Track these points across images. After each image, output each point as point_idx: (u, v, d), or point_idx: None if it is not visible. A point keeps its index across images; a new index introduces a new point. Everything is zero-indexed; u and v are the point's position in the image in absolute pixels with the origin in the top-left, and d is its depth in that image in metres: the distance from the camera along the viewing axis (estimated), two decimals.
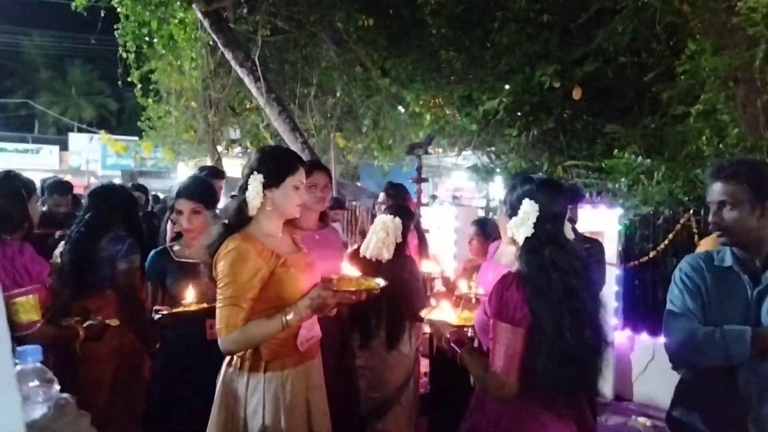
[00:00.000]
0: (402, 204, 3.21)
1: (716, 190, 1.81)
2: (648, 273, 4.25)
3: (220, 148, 12.17)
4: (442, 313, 2.02)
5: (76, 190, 16.56)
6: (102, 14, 7.62)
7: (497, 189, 8.02)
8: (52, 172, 24.06)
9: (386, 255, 2.77)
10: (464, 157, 9.37)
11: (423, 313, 2.09)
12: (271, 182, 1.89)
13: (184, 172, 13.71)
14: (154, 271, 2.63)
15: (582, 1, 6.07)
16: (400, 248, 2.83)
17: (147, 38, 7.72)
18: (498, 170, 8.14)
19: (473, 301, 2.23)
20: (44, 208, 4.30)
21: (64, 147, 24.59)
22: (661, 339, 3.92)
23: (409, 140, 9.02)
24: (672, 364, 1.93)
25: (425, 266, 3.15)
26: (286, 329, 1.85)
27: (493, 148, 8.38)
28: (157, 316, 2.28)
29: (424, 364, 3.48)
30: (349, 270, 2.03)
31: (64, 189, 4.65)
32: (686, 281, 1.89)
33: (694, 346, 1.79)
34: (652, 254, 4.14)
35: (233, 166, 13.58)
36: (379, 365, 2.80)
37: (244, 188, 1.90)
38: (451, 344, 1.82)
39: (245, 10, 7.76)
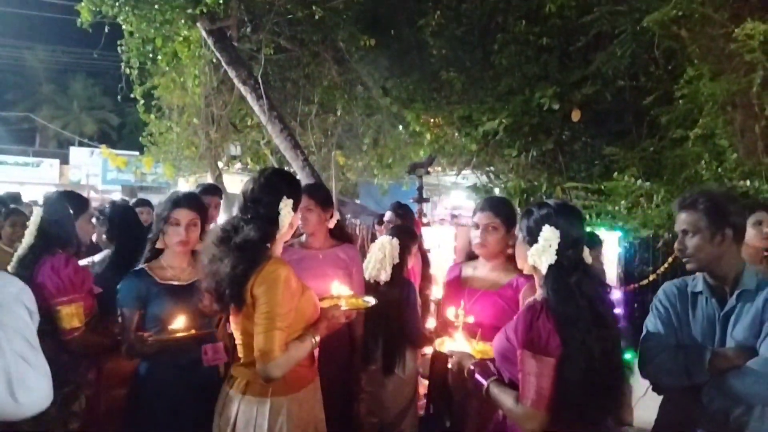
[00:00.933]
0: (404, 225, 3.22)
1: (679, 220, 1.94)
2: (648, 296, 4.22)
3: (220, 164, 12.22)
4: (455, 344, 2.00)
5: None
6: (106, 30, 7.67)
7: None
8: (53, 185, 24.08)
9: (384, 276, 2.76)
10: (463, 176, 9.41)
11: (437, 344, 2.07)
12: (294, 207, 1.94)
13: (185, 187, 13.77)
14: (135, 296, 2.35)
15: (581, 24, 6.14)
16: (398, 270, 2.82)
17: (151, 55, 7.78)
18: (497, 190, 8.19)
19: (459, 329, 2.18)
20: None
21: (64, 161, 24.67)
22: None
23: (409, 159, 9.08)
24: (651, 387, 2.00)
25: (430, 289, 3.15)
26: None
27: (492, 168, 8.43)
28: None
29: (424, 386, 3.45)
30: (340, 289, 2.05)
31: None
32: (659, 307, 2.00)
33: (659, 365, 1.89)
34: (651, 277, 4.15)
35: (233, 182, 13.62)
36: (378, 389, 2.77)
37: (270, 213, 1.90)
38: (476, 376, 1.79)
39: (249, 29, 7.85)
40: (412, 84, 8.19)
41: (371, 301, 2.01)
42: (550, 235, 1.66)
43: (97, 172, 23.29)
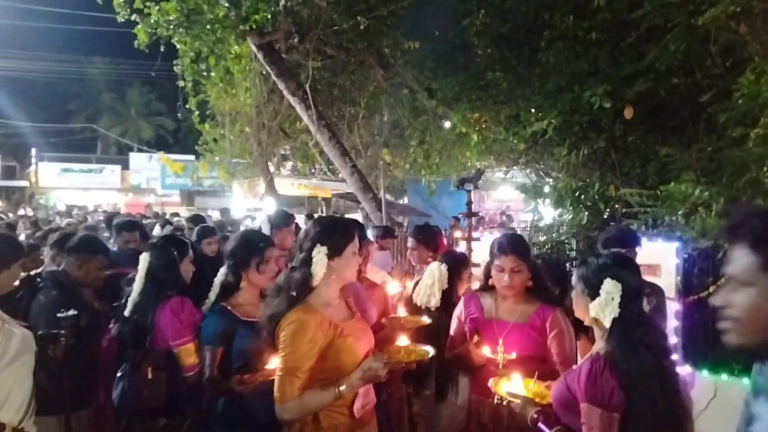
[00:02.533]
0: (454, 251, 3.26)
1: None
2: (708, 307, 4.12)
3: (272, 168, 12.58)
4: (511, 384, 2.03)
5: (137, 209, 17.43)
6: (162, 49, 8.02)
7: (547, 210, 7.95)
8: (115, 190, 25.35)
9: (433, 302, 2.82)
10: (512, 174, 9.32)
11: (491, 383, 2.09)
12: (334, 252, 1.98)
13: (239, 192, 14.27)
14: (220, 333, 2.42)
15: (632, 18, 5.95)
16: (448, 296, 2.86)
17: (204, 73, 8.10)
18: (547, 188, 8.07)
19: (500, 366, 2.23)
20: (114, 248, 4.44)
21: (125, 166, 25.87)
22: (723, 376, 3.83)
23: (456, 159, 9.07)
24: None
25: None
26: (340, 399, 1.92)
27: (542, 165, 8.31)
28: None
29: None
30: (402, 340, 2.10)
31: (131, 226, 4.75)
32: None
33: None
34: (712, 288, 4.03)
35: (284, 185, 14.00)
36: (431, 415, 2.84)
37: (307, 260, 1.98)
38: (539, 425, 1.81)
39: (296, 40, 8.02)
40: (457, 85, 8.16)
41: (431, 351, 2.06)
42: (612, 288, 1.67)
43: (156, 176, 24.32)
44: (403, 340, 2.12)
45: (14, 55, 25.39)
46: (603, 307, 1.68)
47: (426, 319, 2.48)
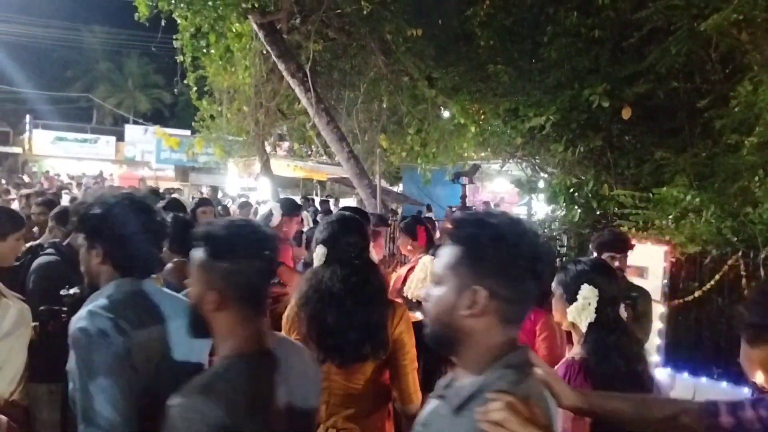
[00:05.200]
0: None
1: None
2: (692, 312, 4.20)
3: (268, 148, 12.53)
4: None
5: (130, 182, 17.37)
6: (162, 23, 7.93)
7: (540, 205, 7.99)
8: (109, 161, 25.17)
9: (424, 296, 2.85)
10: (507, 167, 9.35)
11: None
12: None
13: (234, 170, 14.21)
14: None
15: (635, 18, 5.95)
16: None
17: (204, 50, 8.03)
18: (542, 183, 8.11)
19: None
20: None
21: (120, 138, 25.66)
22: (702, 379, 3.92)
23: (452, 149, 9.08)
24: None
25: None
26: None
27: (537, 160, 8.34)
28: None
29: None
30: None
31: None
32: None
33: None
34: (697, 293, 4.10)
35: (280, 166, 13.95)
36: (419, 410, 2.87)
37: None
38: None
39: (298, 21, 7.96)
40: (458, 75, 8.14)
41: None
42: (588, 294, 1.72)
43: (151, 149, 24.15)
44: None
45: (12, 18, 25.00)
46: (580, 311, 1.73)
47: (419, 315, 2.51)
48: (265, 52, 7.99)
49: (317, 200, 14.48)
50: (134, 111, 30.73)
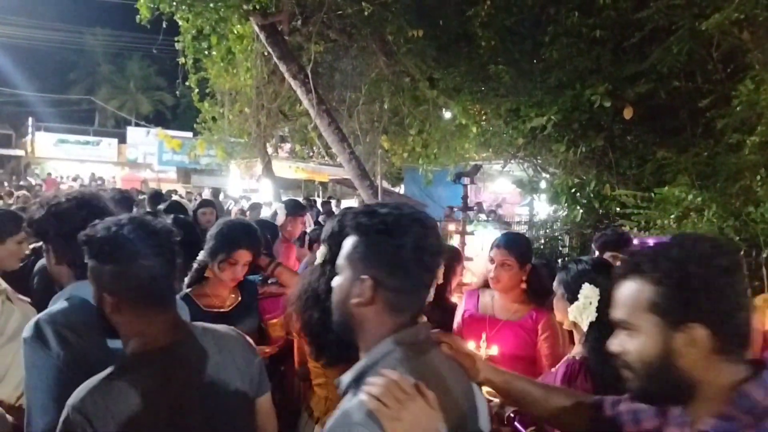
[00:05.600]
0: (447, 245, 3.28)
1: None
2: None
3: (270, 150, 12.55)
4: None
5: (133, 184, 17.40)
6: (164, 25, 7.95)
7: (542, 205, 7.98)
8: (111, 164, 25.24)
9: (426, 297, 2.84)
10: (509, 168, 9.35)
11: None
12: None
13: (236, 171, 14.24)
14: None
15: (636, 18, 5.95)
16: (441, 291, 2.89)
17: (206, 52, 8.05)
18: (543, 183, 8.11)
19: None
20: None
21: (122, 140, 25.74)
22: None
23: (454, 150, 9.07)
24: None
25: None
26: None
27: (539, 160, 8.34)
28: None
29: None
30: None
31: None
32: None
33: None
34: None
35: (281, 167, 13.98)
36: None
37: None
38: (515, 423, 1.84)
39: (299, 22, 7.97)
40: (459, 75, 8.13)
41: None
42: (590, 293, 1.72)
43: (153, 151, 24.20)
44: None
45: (14, 21, 25.07)
46: (581, 311, 1.72)
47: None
48: (266, 53, 8.01)
49: (319, 202, 14.49)
50: (136, 113, 30.79)
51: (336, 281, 1.16)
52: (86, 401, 1.23)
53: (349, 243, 1.13)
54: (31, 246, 3.20)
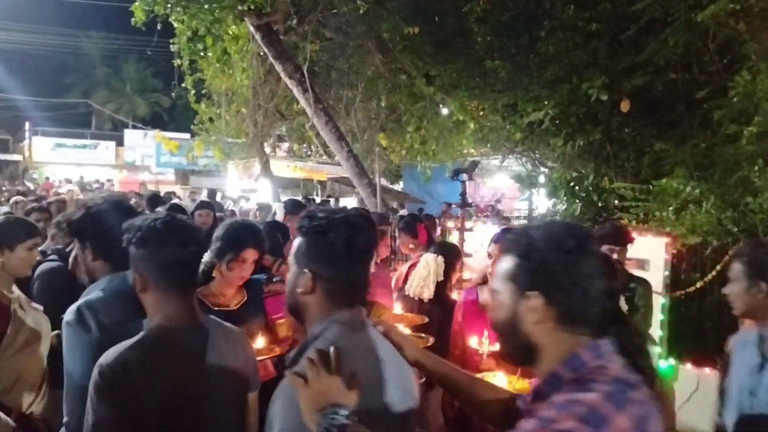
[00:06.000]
0: (448, 242, 3.29)
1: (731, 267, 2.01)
2: (694, 303, 4.20)
3: (267, 150, 12.54)
4: (495, 380, 2.08)
5: (131, 186, 17.31)
6: (159, 27, 7.94)
7: (541, 199, 7.98)
8: (109, 166, 25.21)
9: (427, 294, 2.84)
10: (507, 163, 9.35)
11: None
12: None
13: (234, 172, 14.23)
14: None
15: (632, 10, 5.94)
16: (442, 288, 2.89)
17: (201, 53, 8.04)
18: (542, 178, 8.11)
19: (484, 356, 2.28)
20: None
21: (119, 143, 25.67)
22: (706, 369, 3.91)
23: (452, 146, 9.08)
24: None
25: None
26: None
27: (537, 155, 8.33)
28: None
29: None
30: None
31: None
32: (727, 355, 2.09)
33: None
34: (699, 284, 4.10)
35: (280, 167, 13.96)
36: (421, 404, 2.88)
37: None
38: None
39: (294, 22, 7.96)
40: (455, 72, 8.12)
41: (430, 339, 2.13)
42: None
43: (150, 153, 24.13)
44: (403, 330, 2.16)
45: (10, 26, 25.02)
46: None
47: (430, 339, 2.46)
48: (262, 53, 8.00)
49: (318, 200, 14.48)
50: (133, 116, 30.73)
51: (287, 275, 1.37)
52: (116, 363, 1.43)
53: (296, 243, 1.34)
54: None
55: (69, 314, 1.75)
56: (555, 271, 1.08)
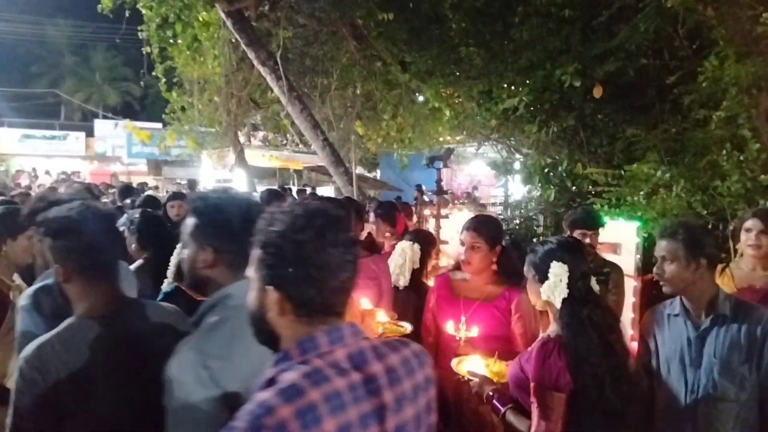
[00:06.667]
0: (424, 230, 3.29)
1: (659, 247, 2.08)
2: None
3: (242, 139, 12.37)
4: (471, 364, 2.10)
5: (102, 178, 16.92)
6: (127, 14, 7.73)
7: (517, 186, 8.03)
8: (79, 158, 24.60)
9: (402, 282, 2.85)
10: (483, 150, 9.38)
11: (453, 363, 2.16)
12: None
13: (208, 162, 14.00)
14: None
15: None
16: (417, 275, 2.90)
17: (171, 40, 7.85)
18: (517, 164, 8.15)
19: (461, 342, 2.30)
20: None
21: (90, 133, 25.04)
22: None
23: (428, 133, 9.07)
24: None
25: None
26: None
27: (512, 141, 8.37)
28: None
29: None
30: (380, 316, 2.14)
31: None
32: (642, 330, 2.22)
33: None
34: None
35: (255, 156, 13.80)
36: None
37: None
38: (494, 402, 1.89)
39: (267, 8, 7.82)
40: (430, 59, 8.09)
41: (408, 327, 2.12)
42: (559, 271, 1.75)
43: (122, 144, 23.60)
44: (382, 316, 2.15)
45: None
46: (553, 289, 1.76)
47: (408, 327, 2.44)
48: (234, 40, 7.85)
49: (294, 190, 14.36)
50: (103, 105, 30.00)
51: (184, 253, 1.44)
52: (35, 355, 1.42)
53: (189, 222, 1.42)
54: None
55: (24, 299, 1.79)
56: (289, 265, 1.07)
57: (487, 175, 14.62)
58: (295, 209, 1.12)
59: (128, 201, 5.11)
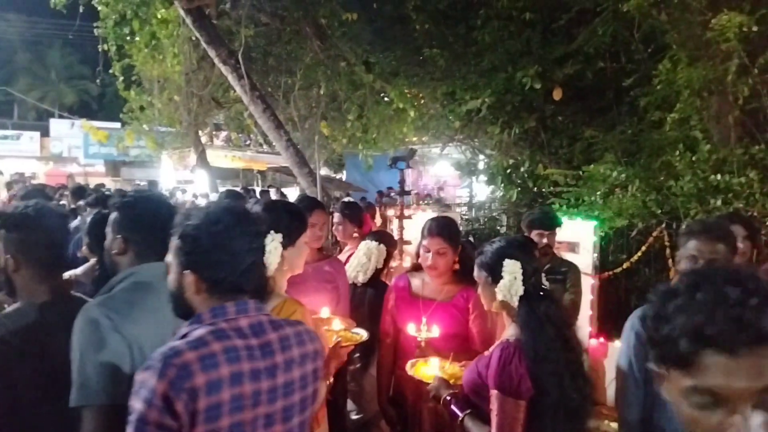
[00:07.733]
0: (385, 231, 3.27)
1: (695, 246, 1.98)
2: (622, 283, 4.39)
3: (204, 139, 12.13)
4: (427, 367, 2.07)
5: (58, 179, 16.25)
6: (81, 10, 7.48)
7: (481, 186, 8.10)
8: (34, 158, 23.70)
9: (361, 278, 2.84)
10: (447, 151, 9.44)
11: (408, 366, 2.13)
12: (288, 242, 1.87)
13: (168, 163, 13.67)
14: None
15: (564, 0, 6.10)
16: (377, 274, 2.90)
17: (128, 38, 7.62)
18: (481, 165, 8.24)
19: (422, 343, 2.29)
20: None
21: (45, 133, 24.14)
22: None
23: (393, 134, 9.06)
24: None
25: None
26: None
27: (476, 142, 8.45)
28: None
29: None
30: (334, 323, 2.10)
31: None
32: (630, 338, 2.11)
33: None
34: (625, 265, 4.28)
35: (217, 156, 13.56)
36: (356, 389, 2.89)
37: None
38: (452, 407, 1.83)
39: (228, 5, 7.68)
40: (395, 59, 8.10)
41: (364, 335, 2.09)
42: (513, 268, 1.72)
43: (78, 144, 22.83)
44: (337, 324, 2.11)
45: None
46: (509, 287, 1.72)
47: (364, 335, 2.39)
48: (194, 38, 7.67)
49: (258, 191, 14.16)
50: (59, 104, 28.97)
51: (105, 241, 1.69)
52: None
53: (111, 216, 1.69)
54: None
55: None
56: (204, 251, 1.28)
57: (452, 176, 14.74)
58: (210, 207, 1.37)
59: (82, 203, 4.93)
